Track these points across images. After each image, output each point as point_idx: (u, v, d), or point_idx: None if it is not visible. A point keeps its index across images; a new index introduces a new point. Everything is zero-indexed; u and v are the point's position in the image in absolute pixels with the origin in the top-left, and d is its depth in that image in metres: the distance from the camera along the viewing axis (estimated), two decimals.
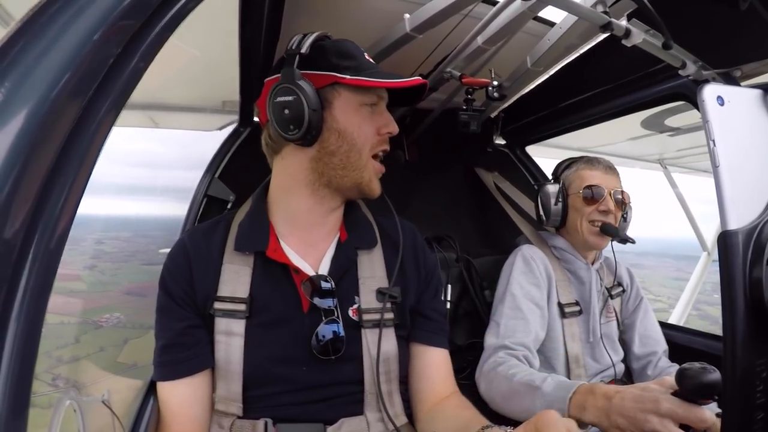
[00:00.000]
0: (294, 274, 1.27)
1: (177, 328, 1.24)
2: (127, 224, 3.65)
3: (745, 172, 1.12)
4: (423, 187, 2.64)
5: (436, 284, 1.46)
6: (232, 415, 1.22)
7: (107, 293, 3.66)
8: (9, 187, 0.46)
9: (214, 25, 1.52)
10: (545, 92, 2.32)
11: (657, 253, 25.99)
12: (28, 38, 0.50)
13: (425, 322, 1.40)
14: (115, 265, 3.50)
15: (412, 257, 1.42)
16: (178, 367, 1.22)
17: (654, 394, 1.15)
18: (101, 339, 3.59)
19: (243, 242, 1.29)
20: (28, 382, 0.51)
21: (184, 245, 1.30)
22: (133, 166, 2.40)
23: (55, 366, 2.90)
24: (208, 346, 1.24)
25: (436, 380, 1.37)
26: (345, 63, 1.22)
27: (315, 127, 1.18)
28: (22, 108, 0.48)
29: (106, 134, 0.57)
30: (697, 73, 1.48)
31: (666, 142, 3.59)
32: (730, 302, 1.02)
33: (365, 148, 1.25)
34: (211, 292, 1.25)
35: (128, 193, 3.01)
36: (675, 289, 20.72)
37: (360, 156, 1.25)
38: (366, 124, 1.25)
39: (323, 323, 1.23)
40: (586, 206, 1.86)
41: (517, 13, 1.37)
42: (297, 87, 1.16)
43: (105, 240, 3.79)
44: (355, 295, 1.30)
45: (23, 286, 0.50)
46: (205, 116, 2.43)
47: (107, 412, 1.29)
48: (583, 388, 1.31)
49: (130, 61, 0.58)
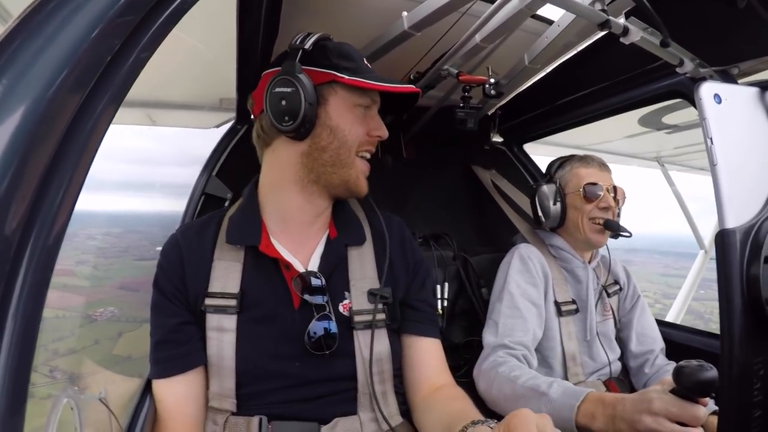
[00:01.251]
0: (284, 270, 1.28)
1: (169, 324, 1.25)
2: (118, 220, 3.66)
3: (742, 170, 1.12)
4: (420, 184, 2.64)
5: (423, 275, 1.47)
6: (226, 411, 1.22)
7: (101, 288, 3.67)
8: (7, 183, 0.46)
9: (212, 23, 1.52)
10: (542, 90, 2.32)
11: (646, 249, 26.13)
12: (26, 35, 0.50)
13: (414, 313, 1.41)
14: (108, 261, 3.51)
15: (399, 251, 1.43)
16: (171, 364, 1.23)
17: (649, 395, 1.17)
18: (96, 332, 3.61)
19: (235, 235, 1.30)
20: (26, 379, 0.51)
21: (176, 242, 1.31)
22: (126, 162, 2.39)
23: (52, 358, 2.93)
24: (200, 343, 1.25)
25: (429, 369, 1.38)
26: (345, 64, 1.24)
27: (309, 120, 1.20)
28: (20, 104, 0.47)
29: (103, 131, 0.57)
30: (695, 70, 1.48)
31: (663, 139, 3.59)
32: (728, 300, 1.03)
33: (354, 146, 1.27)
34: (202, 289, 1.25)
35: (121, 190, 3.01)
36: (661, 284, 20.91)
37: (349, 153, 1.27)
38: (358, 124, 1.28)
39: (315, 320, 1.23)
40: (586, 204, 1.86)
41: (516, 10, 1.37)
42: (296, 79, 1.18)
43: (97, 236, 3.79)
44: (346, 291, 1.31)
45: (21, 282, 0.50)
46: (203, 113, 2.43)
47: (104, 409, 1.29)
48: (592, 397, 1.32)
49: (127, 58, 0.58)
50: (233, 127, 2.11)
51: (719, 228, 1.07)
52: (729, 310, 1.02)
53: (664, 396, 1.14)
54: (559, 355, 1.80)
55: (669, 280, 21.95)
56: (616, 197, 1.89)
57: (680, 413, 1.10)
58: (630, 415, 1.18)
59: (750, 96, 1.22)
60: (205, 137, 2.21)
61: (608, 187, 1.87)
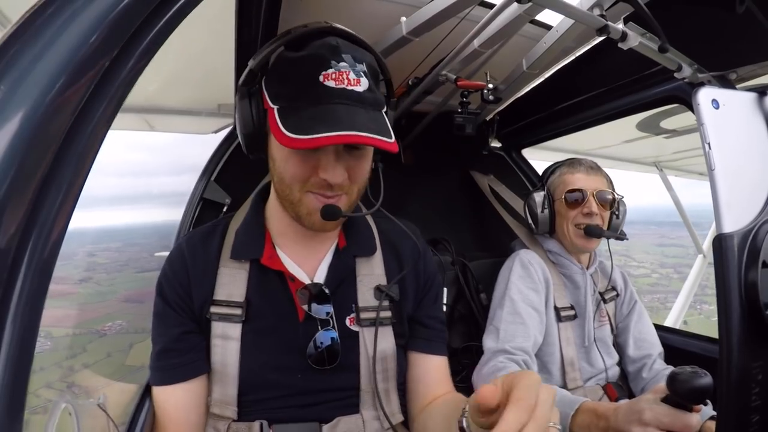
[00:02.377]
0: (290, 281, 1.25)
1: (172, 333, 1.23)
2: (115, 235, 3.74)
3: (740, 175, 1.12)
4: (418, 190, 2.64)
5: (436, 291, 1.43)
6: (227, 418, 1.21)
7: (106, 303, 3.73)
8: (5, 191, 0.46)
9: (210, 29, 1.52)
10: (541, 95, 2.32)
11: (641, 221, 26.17)
12: (25, 41, 0.50)
13: (424, 331, 1.38)
14: (110, 276, 3.57)
15: (412, 265, 1.39)
16: (173, 372, 1.22)
17: (639, 405, 1.18)
18: (107, 346, 3.70)
19: (239, 250, 1.27)
20: (24, 386, 0.51)
21: (182, 251, 1.28)
22: (118, 176, 2.39)
23: (68, 375, 3.09)
24: (202, 352, 1.23)
25: (433, 384, 1.36)
26: (283, 90, 1.08)
27: (251, 150, 1.18)
28: (18, 111, 0.47)
29: (102, 137, 0.57)
30: (693, 76, 1.49)
31: (662, 144, 3.60)
32: (726, 305, 1.03)
33: (294, 185, 1.13)
34: (208, 297, 1.24)
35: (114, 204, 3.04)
36: (657, 254, 21.01)
37: (290, 191, 1.14)
38: (294, 162, 1.10)
39: (321, 331, 1.22)
40: (570, 210, 1.87)
41: (514, 16, 1.38)
42: (237, 105, 1.13)
43: (96, 252, 3.94)
44: (353, 304, 1.28)
45: (18, 291, 0.49)
46: (201, 119, 2.43)
47: (103, 415, 1.29)
48: (585, 407, 1.32)
49: (126, 64, 0.58)
50: (231, 132, 2.11)
51: (717, 232, 1.07)
52: (727, 315, 1.02)
53: (655, 406, 1.14)
54: (558, 360, 1.80)
55: (665, 249, 22.27)
56: (611, 200, 1.88)
57: (671, 423, 1.10)
58: (622, 426, 1.18)
59: (748, 101, 1.22)
60: (202, 143, 2.20)
61: (593, 192, 1.86)
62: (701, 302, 11.28)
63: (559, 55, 1.83)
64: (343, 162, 1.11)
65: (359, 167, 1.15)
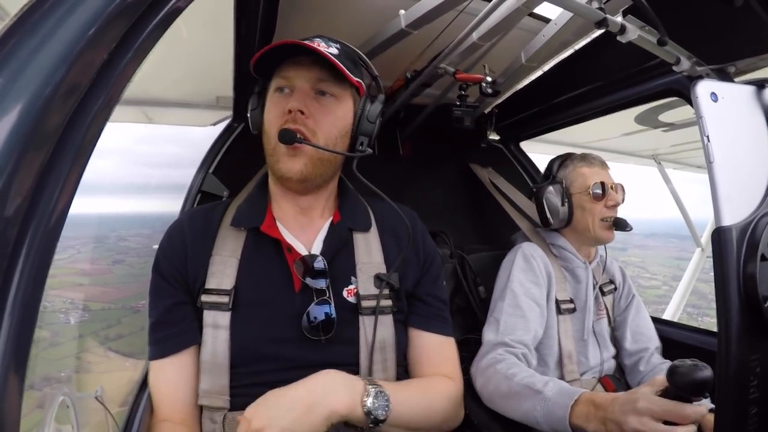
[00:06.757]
0: (287, 252, 1.27)
1: (165, 304, 1.25)
2: (146, 222, 3.93)
3: (739, 168, 1.12)
4: (417, 182, 2.64)
5: (437, 270, 1.44)
6: (221, 408, 1.21)
7: (139, 283, 4.00)
8: (4, 181, 0.46)
9: (209, 21, 1.52)
10: (539, 88, 2.32)
11: (663, 234, 26.14)
12: (22, 34, 0.50)
13: (422, 307, 1.38)
14: (141, 260, 3.78)
15: (409, 244, 1.39)
16: (168, 344, 1.24)
17: (634, 396, 1.18)
18: (141, 320, 3.90)
19: (239, 219, 1.31)
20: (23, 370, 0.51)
21: (182, 225, 1.32)
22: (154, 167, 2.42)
23: (104, 342, 3.72)
24: (194, 323, 1.25)
25: (428, 364, 1.36)
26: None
27: (256, 126, 1.32)
28: (16, 103, 0.47)
29: (100, 129, 0.57)
30: (692, 69, 1.48)
31: (660, 137, 3.60)
32: (724, 298, 1.03)
33: (271, 131, 1.24)
34: (201, 281, 1.25)
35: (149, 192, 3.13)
36: (672, 267, 20.98)
37: (269, 140, 1.25)
38: (273, 108, 1.26)
39: (314, 303, 1.22)
40: (596, 204, 1.87)
41: (513, 9, 1.37)
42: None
43: (128, 237, 4.33)
44: (352, 276, 1.30)
45: (17, 281, 0.49)
46: (199, 112, 2.43)
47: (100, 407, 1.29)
48: (585, 398, 1.33)
49: (124, 57, 0.58)
50: (230, 125, 2.11)
51: (716, 225, 1.07)
52: (726, 308, 1.02)
53: (649, 396, 1.15)
54: (556, 353, 1.81)
55: (681, 263, 22.00)
56: (623, 194, 1.91)
57: (665, 412, 1.11)
58: (618, 416, 1.19)
59: (746, 94, 1.22)
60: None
61: (612, 185, 1.88)
62: (703, 315, 11.31)
63: (557, 48, 1.82)
64: (310, 104, 1.23)
65: (324, 112, 1.24)
